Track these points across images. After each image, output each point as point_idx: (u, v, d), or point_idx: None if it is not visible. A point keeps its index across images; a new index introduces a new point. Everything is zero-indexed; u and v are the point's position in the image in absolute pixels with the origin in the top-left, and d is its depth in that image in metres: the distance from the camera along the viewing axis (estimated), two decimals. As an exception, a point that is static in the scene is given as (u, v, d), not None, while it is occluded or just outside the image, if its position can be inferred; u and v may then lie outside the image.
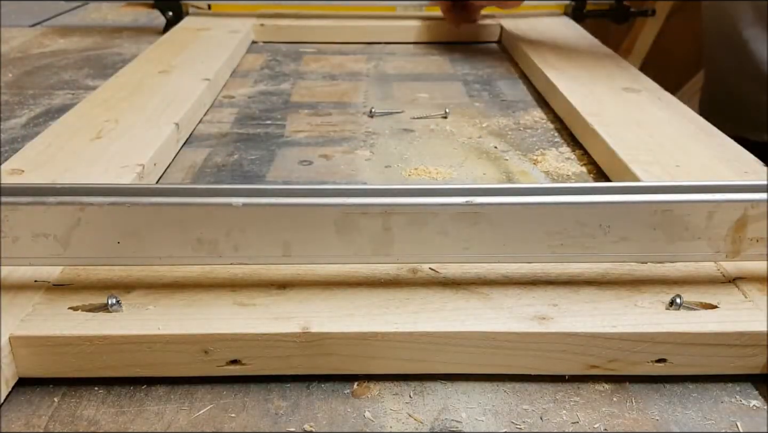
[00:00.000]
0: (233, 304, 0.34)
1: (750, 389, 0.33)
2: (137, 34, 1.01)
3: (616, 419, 0.30)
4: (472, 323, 0.33)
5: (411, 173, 0.54)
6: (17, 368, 0.32)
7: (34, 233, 0.33)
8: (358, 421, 0.31)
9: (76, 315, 0.33)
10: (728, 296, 0.35)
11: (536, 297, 0.35)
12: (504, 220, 0.34)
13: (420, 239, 0.34)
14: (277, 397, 0.32)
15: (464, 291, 0.35)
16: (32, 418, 0.31)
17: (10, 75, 0.81)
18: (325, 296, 0.35)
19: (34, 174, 0.47)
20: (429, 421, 0.30)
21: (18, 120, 0.66)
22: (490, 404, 0.31)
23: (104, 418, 0.31)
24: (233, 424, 0.30)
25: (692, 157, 0.50)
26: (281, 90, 0.75)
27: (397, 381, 0.33)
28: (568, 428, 0.30)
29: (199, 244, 0.34)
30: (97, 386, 0.32)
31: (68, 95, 0.74)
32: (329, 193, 0.34)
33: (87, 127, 0.55)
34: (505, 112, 0.68)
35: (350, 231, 0.34)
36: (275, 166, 0.55)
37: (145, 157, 0.50)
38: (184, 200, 0.34)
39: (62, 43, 0.97)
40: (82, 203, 0.33)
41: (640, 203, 0.34)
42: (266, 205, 0.34)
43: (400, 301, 0.34)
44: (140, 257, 0.34)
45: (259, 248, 0.34)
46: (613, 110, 0.59)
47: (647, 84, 0.67)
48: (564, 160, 0.57)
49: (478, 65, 0.85)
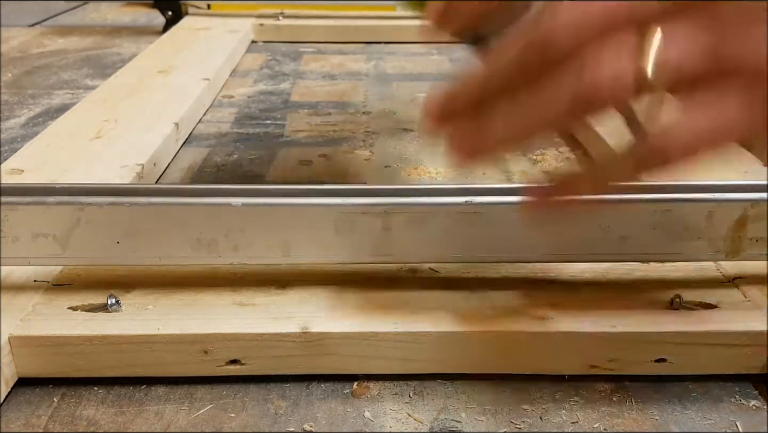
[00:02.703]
0: (233, 304, 0.34)
1: (750, 388, 0.33)
2: (137, 34, 1.01)
3: (616, 419, 0.30)
4: (471, 323, 0.33)
5: (410, 173, 0.54)
6: (17, 367, 0.32)
7: (33, 232, 0.33)
8: (358, 421, 0.30)
9: (76, 315, 0.33)
10: (728, 296, 0.35)
11: (536, 297, 0.35)
12: (504, 220, 0.34)
13: (420, 239, 0.34)
14: (277, 397, 0.32)
15: (464, 291, 0.35)
16: (32, 418, 0.31)
17: (9, 75, 0.81)
18: (325, 296, 0.35)
19: (34, 174, 0.47)
20: (429, 421, 0.30)
21: (17, 120, 0.66)
22: (490, 404, 0.31)
23: (104, 418, 0.31)
24: (233, 424, 0.30)
25: (692, 157, 0.50)
26: (281, 90, 0.75)
27: (397, 381, 0.33)
28: (568, 428, 0.30)
29: (198, 244, 0.34)
30: (96, 386, 0.32)
31: (68, 95, 0.74)
32: (329, 193, 0.34)
33: (86, 127, 0.55)
34: (504, 112, 0.68)
35: (350, 231, 0.34)
36: (275, 165, 0.55)
37: (145, 157, 0.50)
38: (183, 200, 0.34)
39: (62, 42, 0.97)
40: (81, 203, 0.33)
41: (640, 203, 0.34)
42: (266, 205, 0.34)
43: (400, 301, 0.34)
44: (140, 257, 0.34)
45: (259, 248, 0.34)
46: (612, 110, 0.59)
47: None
48: (564, 160, 0.56)
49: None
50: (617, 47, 0.24)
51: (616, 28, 0.24)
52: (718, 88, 0.24)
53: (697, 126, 0.25)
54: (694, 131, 0.25)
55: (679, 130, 0.25)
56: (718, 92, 0.24)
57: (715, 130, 0.25)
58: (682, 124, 0.25)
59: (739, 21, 0.24)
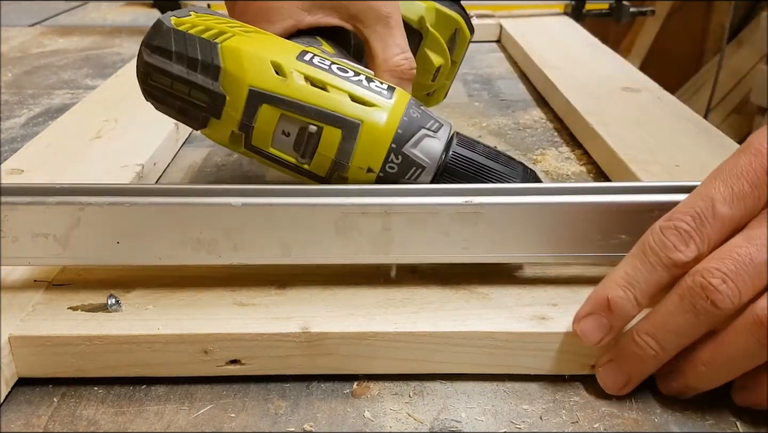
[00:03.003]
0: (233, 304, 0.34)
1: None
2: (137, 34, 1.01)
3: (616, 419, 0.30)
4: (472, 323, 0.33)
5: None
6: (17, 367, 0.32)
7: (33, 232, 0.33)
8: (358, 421, 0.30)
9: (76, 315, 0.33)
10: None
11: (536, 297, 0.35)
12: (504, 220, 0.34)
13: (420, 239, 0.34)
14: (277, 397, 0.32)
15: (464, 291, 0.35)
16: (32, 418, 0.31)
17: (9, 75, 0.81)
18: (325, 296, 0.35)
19: (34, 174, 0.47)
20: (429, 421, 0.30)
21: (17, 120, 0.66)
22: (490, 404, 0.31)
23: (104, 418, 0.31)
24: (233, 424, 0.30)
25: (692, 157, 0.50)
26: (281, 90, 0.75)
27: (397, 381, 0.33)
28: (568, 428, 0.30)
29: (198, 244, 0.34)
30: (96, 386, 0.32)
31: (68, 95, 0.74)
32: (329, 193, 0.34)
33: (86, 126, 0.55)
34: (504, 112, 0.69)
35: (350, 231, 0.34)
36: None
37: (145, 156, 0.50)
38: (183, 200, 0.34)
39: (62, 42, 0.97)
40: (81, 203, 0.33)
41: (640, 203, 0.34)
42: (266, 205, 0.34)
43: (400, 301, 0.34)
44: (140, 257, 0.34)
45: (259, 248, 0.34)
46: (612, 110, 0.59)
47: (647, 83, 0.67)
48: (563, 160, 0.57)
49: (477, 65, 0.85)
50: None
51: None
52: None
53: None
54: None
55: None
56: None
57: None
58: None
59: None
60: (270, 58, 0.35)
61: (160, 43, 0.35)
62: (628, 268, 0.30)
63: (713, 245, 0.29)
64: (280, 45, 0.37)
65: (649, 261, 0.29)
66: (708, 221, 0.28)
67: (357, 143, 0.35)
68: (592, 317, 0.30)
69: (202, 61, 0.35)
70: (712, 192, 0.29)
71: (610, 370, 0.31)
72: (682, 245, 0.29)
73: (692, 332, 0.29)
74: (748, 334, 0.27)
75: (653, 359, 0.30)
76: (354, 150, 0.35)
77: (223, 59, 0.35)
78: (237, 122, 0.35)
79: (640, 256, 0.30)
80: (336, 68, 0.36)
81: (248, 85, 0.35)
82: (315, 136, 0.35)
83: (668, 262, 0.29)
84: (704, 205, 0.29)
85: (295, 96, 0.35)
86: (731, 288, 0.27)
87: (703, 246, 0.29)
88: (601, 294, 0.30)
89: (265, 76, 0.35)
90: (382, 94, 0.36)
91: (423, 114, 0.37)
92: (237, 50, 0.35)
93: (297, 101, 0.35)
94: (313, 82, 0.35)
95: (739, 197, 0.28)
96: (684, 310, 0.28)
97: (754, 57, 1.76)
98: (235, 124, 0.35)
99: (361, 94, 0.35)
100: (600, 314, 0.30)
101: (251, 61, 0.35)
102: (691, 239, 0.28)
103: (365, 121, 0.35)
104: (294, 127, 0.35)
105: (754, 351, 0.28)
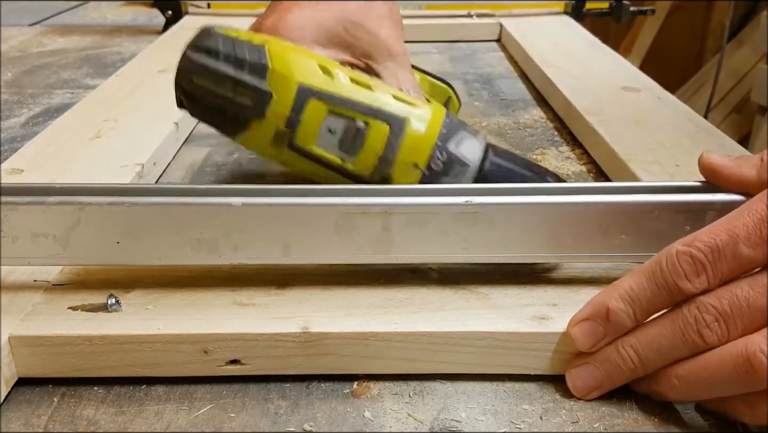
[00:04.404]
0: (233, 304, 0.34)
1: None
2: (137, 34, 1.01)
3: (616, 419, 0.30)
4: (472, 323, 0.33)
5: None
6: (17, 367, 0.32)
7: (33, 232, 0.33)
8: (358, 421, 0.30)
9: (76, 315, 0.33)
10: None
11: (536, 297, 0.35)
12: (504, 220, 0.34)
13: (420, 239, 0.34)
14: (277, 397, 0.32)
15: (464, 291, 0.35)
16: (32, 418, 0.31)
17: (9, 74, 0.81)
18: (325, 296, 0.35)
19: (34, 174, 0.47)
20: (429, 421, 0.30)
21: (17, 119, 0.66)
22: (490, 404, 0.31)
23: (104, 418, 0.31)
24: (233, 424, 0.30)
25: (692, 156, 0.49)
26: (281, 89, 0.75)
27: (397, 381, 0.33)
28: (568, 428, 0.30)
29: (198, 244, 0.34)
30: (96, 386, 0.32)
31: (67, 94, 0.73)
32: (329, 193, 0.34)
33: (86, 126, 0.55)
34: (504, 111, 0.68)
35: (350, 231, 0.34)
36: (275, 165, 0.55)
37: (145, 156, 0.50)
38: (183, 200, 0.34)
39: (61, 42, 0.96)
40: (81, 203, 0.33)
41: (640, 203, 0.34)
42: (266, 205, 0.34)
43: (400, 301, 0.34)
44: (140, 257, 0.34)
45: (259, 248, 0.34)
46: (612, 109, 0.59)
47: (647, 83, 0.67)
48: (563, 160, 0.56)
49: (477, 64, 0.85)
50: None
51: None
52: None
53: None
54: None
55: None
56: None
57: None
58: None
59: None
60: (316, 61, 0.37)
61: (208, 43, 0.36)
62: (633, 283, 0.30)
63: (724, 281, 0.28)
64: (319, 55, 0.39)
65: (655, 282, 0.29)
66: (726, 258, 0.28)
67: (404, 138, 0.36)
68: (589, 322, 0.31)
69: (250, 61, 0.36)
70: (738, 229, 0.28)
71: (583, 372, 0.31)
72: (693, 275, 0.28)
73: (674, 354, 0.29)
74: (732, 365, 0.27)
75: (631, 371, 0.30)
76: (401, 144, 0.36)
77: (270, 59, 0.36)
78: (284, 118, 0.36)
79: (649, 275, 0.29)
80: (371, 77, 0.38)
81: (297, 82, 0.36)
82: (362, 131, 0.36)
83: (674, 288, 0.29)
84: (727, 240, 0.28)
85: (342, 93, 0.36)
86: (722, 328, 0.28)
87: (714, 281, 0.28)
88: (601, 302, 0.30)
89: (313, 74, 0.36)
90: (420, 99, 0.38)
91: (460, 120, 0.39)
92: (284, 53, 0.36)
93: (345, 97, 0.36)
94: (358, 82, 0.37)
95: (764, 241, 0.28)
96: (672, 333, 0.29)
97: (754, 56, 1.76)
98: (281, 121, 0.36)
99: (403, 96, 0.37)
100: (597, 321, 0.30)
101: (298, 62, 0.36)
102: (704, 272, 0.28)
103: (411, 117, 0.36)
104: (340, 124, 0.36)
105: (733, 382, 0.28)
